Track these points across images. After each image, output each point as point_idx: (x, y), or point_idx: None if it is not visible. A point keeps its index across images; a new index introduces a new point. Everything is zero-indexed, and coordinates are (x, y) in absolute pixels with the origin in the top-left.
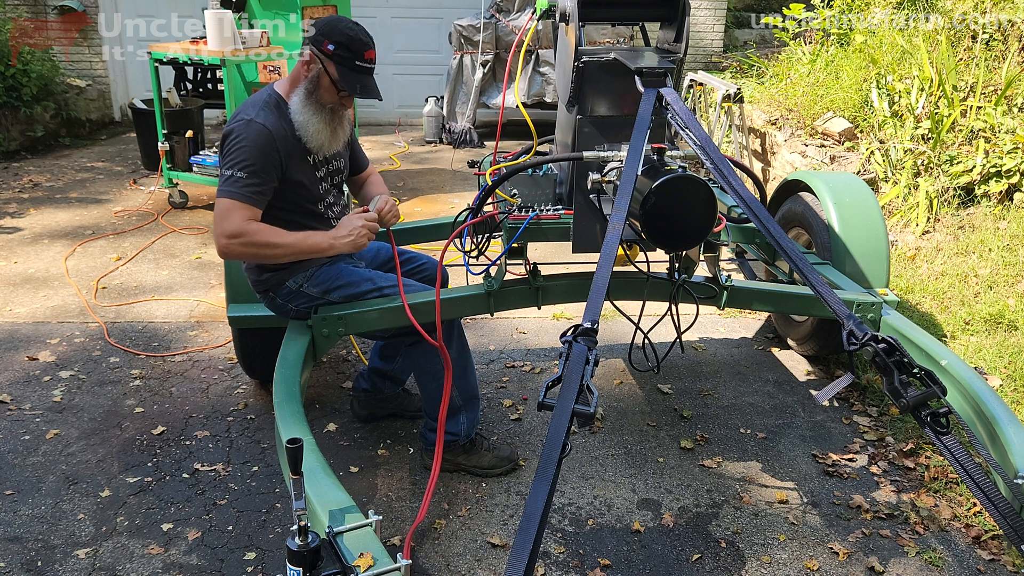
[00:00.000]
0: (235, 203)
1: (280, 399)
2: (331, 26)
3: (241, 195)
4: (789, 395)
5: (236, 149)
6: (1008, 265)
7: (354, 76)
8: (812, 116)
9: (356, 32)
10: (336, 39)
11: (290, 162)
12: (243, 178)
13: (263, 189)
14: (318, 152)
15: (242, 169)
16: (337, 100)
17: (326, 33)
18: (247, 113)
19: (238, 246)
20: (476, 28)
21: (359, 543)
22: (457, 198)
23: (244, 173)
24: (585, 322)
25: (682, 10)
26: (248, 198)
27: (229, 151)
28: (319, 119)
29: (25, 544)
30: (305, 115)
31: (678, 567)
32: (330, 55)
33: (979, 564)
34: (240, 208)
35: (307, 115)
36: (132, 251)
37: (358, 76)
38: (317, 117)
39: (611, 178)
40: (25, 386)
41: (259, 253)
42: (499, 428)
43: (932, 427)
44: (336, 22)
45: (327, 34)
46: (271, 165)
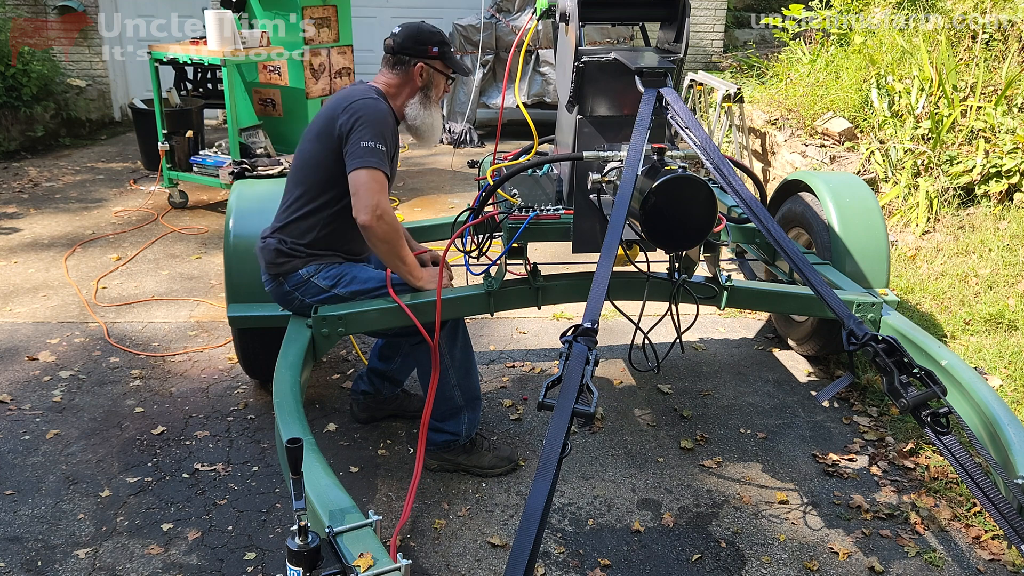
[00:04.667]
0: (383, 175)
1: (280, 399)
2: (422, 32)
3: (385, 167)
4: (789, 395)
5: (373, 121)
6: (1008, 265)
7: (456, 61)
8: (812, 116)
9: (436, 28)
10: (436, 41)
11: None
12: (384, 151)
13: (391, 167)
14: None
15: (379, 141)
16: (443, 92)
17: (424, 40)
18: (368, 94)
19: (386, 223)
20: (476, 28)
21: (359, 543)
22: (457, 198)
23: (383, 147)
24: (585, 322)
25: (682, 10)
26: (389, 172)
27: (364, 121)
28: (437, 113)
29: (25, 544)
30: (430, 116)
31: (678, 567)
32: (437, 56)
33: (979, 564)
34: (385, 181)
35: (431, 114)
36: (132, 251)
37: (457, 60)
38: (436, 112)
39: (611, 178)
40: (25, 386)
41: (388, 237)
42: (499, 428)
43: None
44: (419, 28)
45: (425, 40)
46: (393, 145)
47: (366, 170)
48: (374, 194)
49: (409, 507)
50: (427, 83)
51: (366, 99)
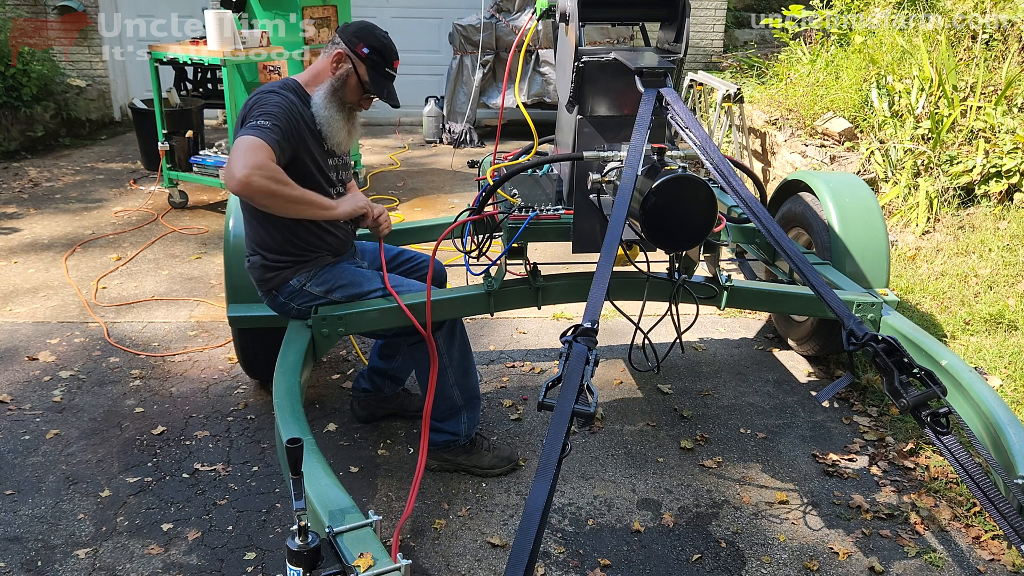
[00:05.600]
0: (261, 142)
1: (280, 399)
2: (367, 31)
3: (267, 138)
4: (789, 395)
5: (264, 105)
6: (1008, 265)
7: (382, 81)
8: (812, 116)
9: (388, 41)
10: (372, 44)
11: (305, 140)
12: (268, 126)
13: (283, 145)
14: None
15: (269, 120)
16: (358, 101)
17: (362, 37)
18: (271, 87)
19: (260, 177)
20: (476, 28)
21: (359, 543)
22: (457, 198)
23: (269, 123)
24: (585, 322)
25: (682, 10)
26: (273, 142)
27: (255, 108)
28: (340, 116)
29: (25, 544)
30: (329, 111)
31: (678, 567)
32: (363, 58)
33: (979, 564)
34: (265, 147)
35: (330, 111)
36: (132, 251)
37: (385, 82)
38: (339, 115)
39: (611, 178)
40: (25, 386)
41: (277, 191)
42: (499, 428)
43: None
44: (371, 28)
45: (363, 38)
46: (292, 130)
47: (242, 138)
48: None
49: (411, 504)
50: (341, 77)
51: (261, 91)
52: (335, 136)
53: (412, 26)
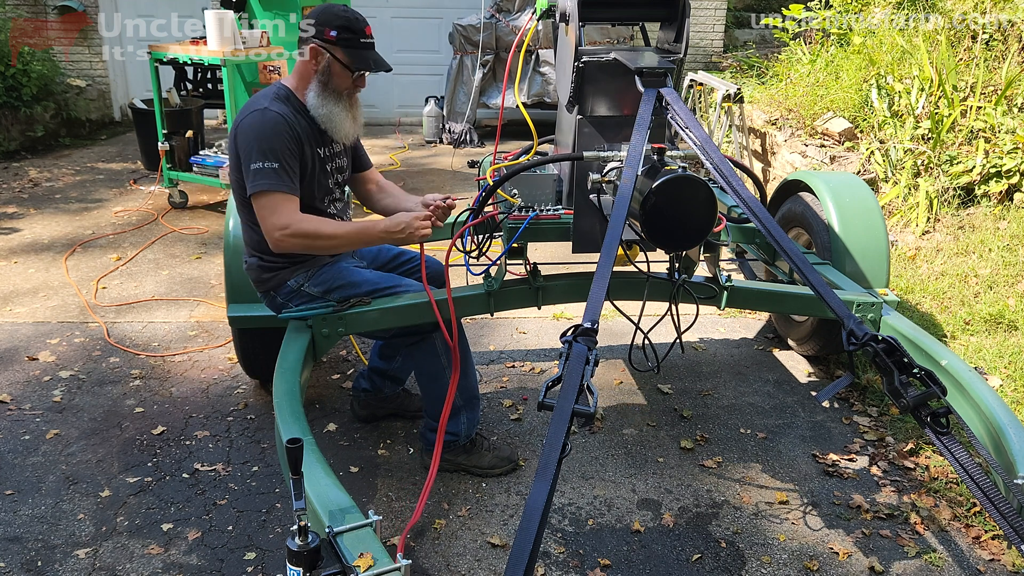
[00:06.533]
0: (277, 195)
1: (280, 399)
2: (326, 13)
3: (279, 184)
4: (789, 395)
5: (257, 139)
6: (1008, 265)
7: (363, 54)
8: (812, 116)
9: (350, 12)
10: (336, 24)
11: (303, 151)
12: (275, 168)
13: (293, 175)
14: (343, 139)
15: (270, 159)
16: (351, 84)
17: (324, 21)
18: (258, 104)
19: (289, 237)
20: (476, 28)
21: (359, 543)
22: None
23: (275, 163)
24: (585, 322)
25: (682, 10)
26: (287, 186)
27: (250, 143)
28: (340, 107)
29: (25, 544)
30: (327, 107)
31: (678, 567)
32: (335, 41)
33: (979, 564)
34: (283, 199)
35: (328, 106)
36: (132, 251)
37: (367, 53)
38: (339, 106)
39: (611, 178)
40: (25, 386)
41: (311, 244)
42: (499, 428)
43: (932, 427)
44: (327, 8)
45: (325, 22)
46: (291, 152)
47: (256, 196)
48: (268, 218)
49: (421, 507)
50: (324, 70)
51: (250, 114)
52: (340, 129)
53: (412, 26)
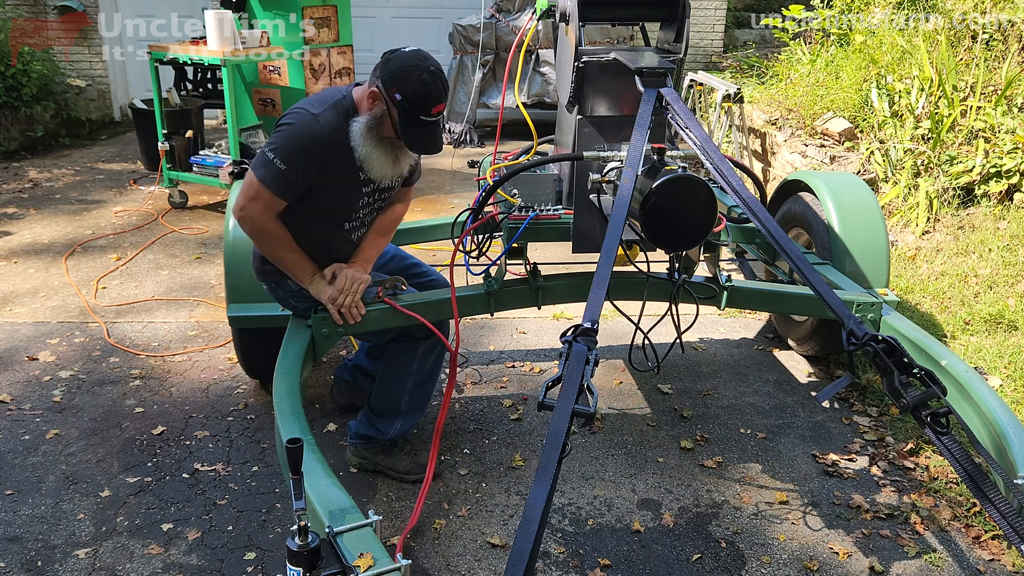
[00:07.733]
0: (265, 190)
1: (280, 399)
2: (405, 74)
3: (273, 184)
4: (789, 395)
5: (287, 138)
6: (1008, 265)
7: (417, 131)
8: (812, 116)
9: (428, 85)
10: (406, 92)
11: (336, 170)
12: (282, 170)
13: (295, 186)
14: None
15: (284, 160)
16: (397, 139)
17: (397, 80)
18: (314, 107)
19: (248, 224)
20: (476, 28)
21: (359, 543)
22: (457, 198)
23: (285, 165)
24: (585, 322)
25: (682, 10)
26: (280, 191)
27: (280, 136)
28: (380, 151)
29: (25, 544)
30: (367, 147)
31: (678, 567)
32: (396, 104)
33: (979, 564)
34: (268, 197)
35: (369, 148)
36: (132, 252)
37: (421, 131)
38: (379, 150)
39: (611, 178)
40: (25, 386)
41: (258, 241)
42: (499, 428)
43: (932, 427)
44: (411, 70)
45: (398, 81)
46: (311, 168)
47: (252, 176)
48: (243, 195)
49: (420, 507)
50: (377, 116)
51: (301, 111)
52: (375, 170)
53: (412, 26)
